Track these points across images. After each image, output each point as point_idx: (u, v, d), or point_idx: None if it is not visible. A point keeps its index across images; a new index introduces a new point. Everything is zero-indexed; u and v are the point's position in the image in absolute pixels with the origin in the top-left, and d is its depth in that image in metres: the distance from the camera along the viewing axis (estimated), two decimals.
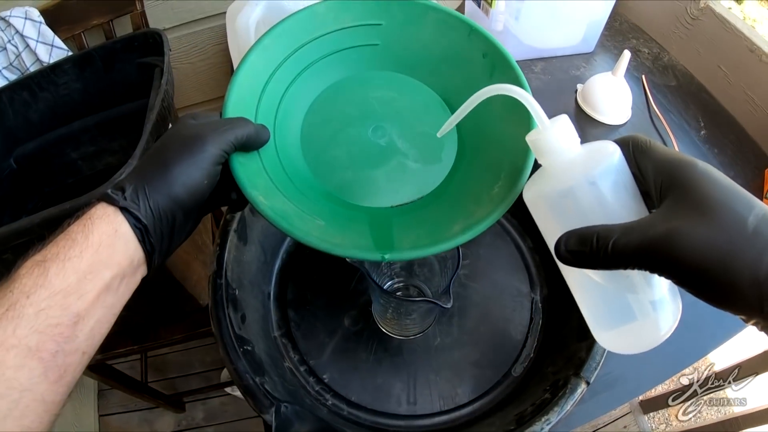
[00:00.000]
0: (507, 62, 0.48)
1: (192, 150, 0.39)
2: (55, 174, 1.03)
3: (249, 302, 0.64)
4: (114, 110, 1.02)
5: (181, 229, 0.41)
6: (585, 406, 0.67)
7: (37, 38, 1.04)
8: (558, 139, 0.37)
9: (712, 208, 0.31)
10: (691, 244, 0.30)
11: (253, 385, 0.53)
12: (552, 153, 0.38)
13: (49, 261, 0.34)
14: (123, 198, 0.37)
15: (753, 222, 0.30)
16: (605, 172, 0.35)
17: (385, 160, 0.49)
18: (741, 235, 0.30)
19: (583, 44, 1.10)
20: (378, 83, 0.53)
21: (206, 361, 1.70)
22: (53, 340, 0.33)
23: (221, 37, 1.28)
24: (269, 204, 0.41)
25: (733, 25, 0.99)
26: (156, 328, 1.10)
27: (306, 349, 0.67)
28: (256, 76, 0.48)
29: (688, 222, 0.31)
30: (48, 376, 0.33)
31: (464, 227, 0.42)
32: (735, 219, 0.30)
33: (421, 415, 0.64)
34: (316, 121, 0.51)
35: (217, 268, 0.60)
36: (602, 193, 0.35)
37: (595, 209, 0.35)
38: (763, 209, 0.31)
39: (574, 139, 0.38)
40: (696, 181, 0.32)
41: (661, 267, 0.32)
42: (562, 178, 0.37)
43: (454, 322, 0.70)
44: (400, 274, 0.71)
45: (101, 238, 0.36)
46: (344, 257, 0.42)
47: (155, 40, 0.92)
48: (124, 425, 1.63)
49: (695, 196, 0.32)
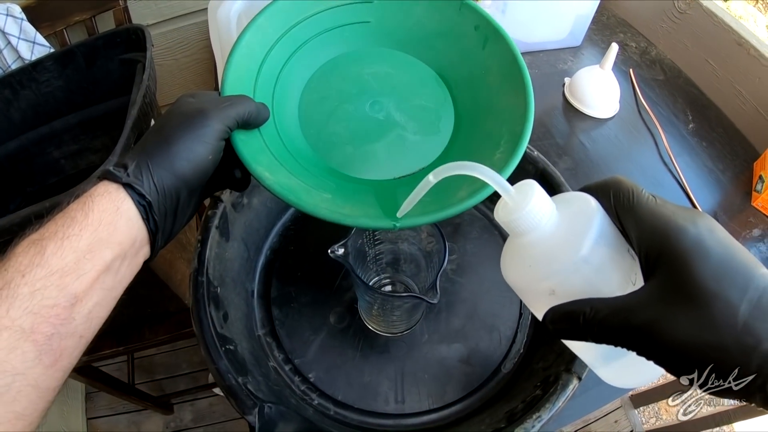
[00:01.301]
0: (498, 33, 0.49)
1: (194, 125, 0.38)
2: (37, 173, 1.01)
3: (231, 300, 0.63)
4: (96, 108, 1.01)
5: (184, 209, 0.40)
6: (576, 402, 0.66)
7: (19, 35, 1.02)
8: (534, 215, 0.34)
9: (701, 297, 0.28)
10: (677, 337, 0.28)
11: (235, 385, 0.52)
12: (530, 231, 0.34)
13: (46, 239, 0.33)
14: (126, 174, 0.36)
15: (745, 311, 0.27)
16: (591, 247, 0.32)
17: (384, 133, 0.50)
18: (730, 333, 0.27)
19: (571, 38, 1.09)
20: (373, 60, 0.54)
21: (194, 362, 1.69)
22: (48, 322, 0.31)
23: (205, 33, 1.26)
24: (275, 179, 0.41)
25: (721, 19, 0.99)
26: (140, 329, 1.09)
27: (291, 348, 0.66)
28: (252, 56, 0.48)
29: (674, 311, 0.28)
30: (42, 360, 0.31)
31: (470, 192, 0.42)
32: (724, 311, 0.27)
33: (410, 413, 0.62)
34: (313, 98, 0.51)
35: (198, 265, 0.59)
36: (588, 271, 0.32)
37: (582, 287, 0.33)
38: (758, 289, 0.28)
39: (550, 208, 0.34)
40: (686, 256, 0.29)
41: (645, 353, 0.30)
42: (548, 260, 0.34)
43: (441, 319, 0.69)
44: (386, 270, 0.70)
45: (102, 215, 0.35)
46: (355, 227, 0.42)
47: (138, 36, 0.91)
48: (112, 428, 1.61)
49: (684, 280, 0.29)
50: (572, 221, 0.34)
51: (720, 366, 0.27)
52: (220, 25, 0.88)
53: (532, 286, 0.36)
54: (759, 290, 0.28)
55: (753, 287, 0.28)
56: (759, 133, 0.97)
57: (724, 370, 0.27)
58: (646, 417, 1.60)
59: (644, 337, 0.29)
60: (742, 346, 0.27)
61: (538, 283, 0.34)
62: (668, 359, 0.29)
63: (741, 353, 0.27)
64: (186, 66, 1.34)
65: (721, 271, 0.28)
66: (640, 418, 1.58)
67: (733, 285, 0.28)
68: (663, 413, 1.61)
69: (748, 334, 0.27)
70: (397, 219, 0.41)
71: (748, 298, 0.27)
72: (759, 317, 0.27)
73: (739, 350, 0.27)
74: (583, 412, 0.67)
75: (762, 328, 0.27)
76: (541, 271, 0.34)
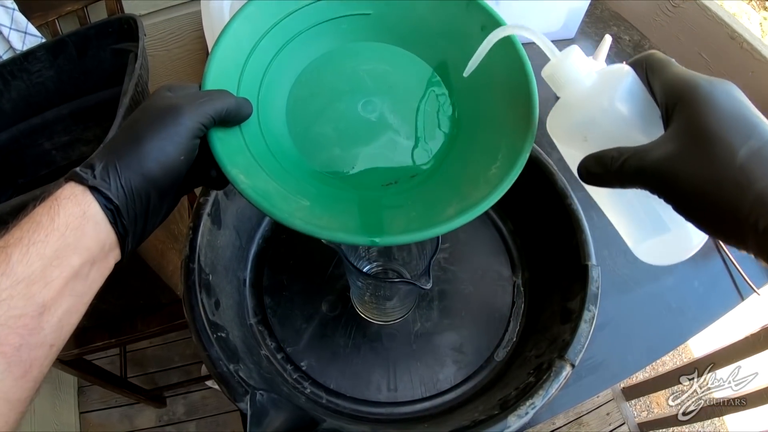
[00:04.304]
0: (507, 36, 0.45)
1: (166, 122, 0.37)
2: (28, 165, 1.00)
3: (223, 288, 0.63)
4: (88, 98, 1.00)
5: (156, 210, 0.38)
6: (569, 391, 0.67)
7: (10, 25, 1.01)
8: (573, 69, 0.38)
9: (705, 138, 0.30)
10: (681, 173, 0.30)
11: (226, 372, 0.52)
12: (569, 84, 0.38)
13: (11, 246, 0.32)
14: (92, 176, 0.35)
15: (744, 155, 0.29)
16: (619, 97, 0.36)
17: (375, 136, 0.47)
18: (727, 170, 0.29)
19: (564, 30, 1.09)
20: (369, 55, 0.50)
21: (186, 355, 1.69)
22: (16, 333, 0.30)
23: (198, 23, 1.25)
24: (250, 183, 0.38)
25: (714, 13, 0.99)
26: (133, 321, 1.08)
27: (283, 336, 0.66)
28: (239, 47, 0.45)
29: (681, 150, 0.31)
30: (12, 372, 0.30)
31: (459, 210, 0.40)
32: (724, 152, 0.29)
33: (402, 402, 0.63)
34: (302, 94, 0.48)
35: (190, 252, 0.59)
36: (617, 118, 0.36)
37: (612, 133, 0.36)
38: (760, 140, 0.30)
39: (588, 66, 0.38)
40: (697, 105, 0.31)
41: (659, 191, 0.32)
42: (580, 108, 0.38)
43: (434, 307, 0.69)
44: (378, 258, 0.70)
45: (68, 220, 0.33)
46: (329, 241, 0.39)
47: (130, 26, 0.90)
48: (105, 422, 1.61)
49: (692, 123, 0.31)
50: (607, 80, 0.37)
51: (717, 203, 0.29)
52: (212, 15, 0.88)
53: (570, 133, 0.39)
54: (761, 141, 0.29)
55: (756, 137, 0.30)
56: None
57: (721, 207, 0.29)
58: (638, 410, 1.61)
59: (656, 173, 0.32)
60: (737, 183, 0.29)
61: (574, 129, 0.38)
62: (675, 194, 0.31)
63: (736, 189, 0.29)
64: (179, 57, 1.33)
65: (727, 119, 0.30)
66: (632, 411, 1.58)
67: (736, 132, 0.30)
68: (654, 406, 1.62)
69: (743, 174, 0.29)
70: (376, 235, 0.39)
71: (749, 145, 0.29)
72: (757, 162, 0.29)
73: (734, 186, 0.29)
74: (577, 401, 0.68)
75: (758, 170, 0.29)
76: (576, 117, 0.38)
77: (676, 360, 1.68)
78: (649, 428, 1.50)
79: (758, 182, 0.28)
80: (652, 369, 1.53)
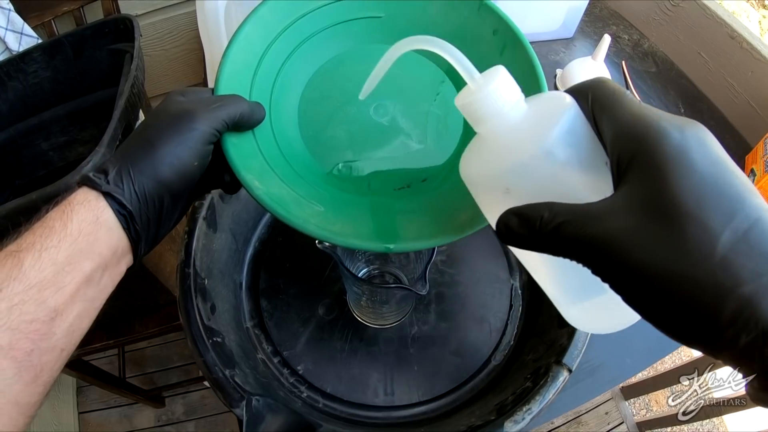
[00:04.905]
0: (518, 40, 0.45)
1: (180, 128, 0.36)
2: (25, 166, 1.00)
3: (219, 292, 0.63)
4: (85, 99, 0.99)
5: (169, 215, 0.38)
6: (566, 394, 0.66)
7: (6, 26, 1.01)
8: (496, 98, 0.30)
9: (673, 213, 0.23)
10: (641, 261, 0.23)
11: (222, 378, 0.51)
12: (491, 118, 0.30)
13: (24, 251, 0.32)
14: (105, 181, 0.35)
15: (726, 243, 0.22)
16: (555, 139, 0.28)
17: (387, 140, 0.47)
18: (705, 263, 0.22)
19: (563, 29, 1.09)
20: (381, 58, 0.51)
21: (185, 355, 1.69)
22: (28, 338, 0.30)
23: (195, 22, 1.25)
24: (264, 189, 0.39)
25: (714, 12, 0.99)
26: (130, 322, 1.08)
27: (279, 340, 0.66)
28: (251, 49, 0.45)
29: (642, 228, 0.24)
30: (22, 377, 0.30)
31: (472, 216, 0.38)
32: (702, 236, 0.22)
33: (399, 406, 0.62)
34: (314, 97, 0.48)
35: (185, 256, 0.58)
36: (551, 169, 0.28)
37: (542, 188, 0.28)
38: (747, 220, 0.22)
39: (516, 95, 0.30)
40: (664, 165, 0.24)
41: (604, 275, 0.25)
42: (502, 151, 0.30)
43: (431, 310, 0.68)
44: (374, 261, 0.69)
45: (81, 226, 0.33)
46: (345, 247, 0.39)
47: (126, 26, 0.90)
48: (104, 422, 1.61)
49: (658, 191, 0.24)
50: (540, 114, 0.30)
51: (686, 303, 0.22)
52: (207, 15, 0.87)
53: (488, 183, 0.31)
54: (748, 221, 0.22)
55: (742, 216, 0.22)
56: (750, 126, 0.97)
57: (693, 310, 0.22)
58: (637, 409, 1.61)
59: (603, 250, 0.24)
60: (716, 283, 0.22)
61: (494, 178, 0.30)
62: (627, 283, 0.24)
63: (714, 292, 0.22)
64: (176, 56, 1.33)
65: (704, 189, 0.23)
66: (630, 409, 1.58)
67: (717, 209, 0.23)
68: (653, 405, 1.62)
69: (725, 271, 0.22)
70: (390, 242, 0.38)
71: (732, 227, 0.22)
72: (743, 253, 0.22)
73: (712, 288, 0.22)
74: (574, 404, 0.67)
75: (744, 266, 0.22)
76: (497, 164, 0.30)
77: (675, 359, 1.67)
78: (648, 427, 1.50)
79: (743, 285, 0.21)
80: (652, 368, 1.53)
